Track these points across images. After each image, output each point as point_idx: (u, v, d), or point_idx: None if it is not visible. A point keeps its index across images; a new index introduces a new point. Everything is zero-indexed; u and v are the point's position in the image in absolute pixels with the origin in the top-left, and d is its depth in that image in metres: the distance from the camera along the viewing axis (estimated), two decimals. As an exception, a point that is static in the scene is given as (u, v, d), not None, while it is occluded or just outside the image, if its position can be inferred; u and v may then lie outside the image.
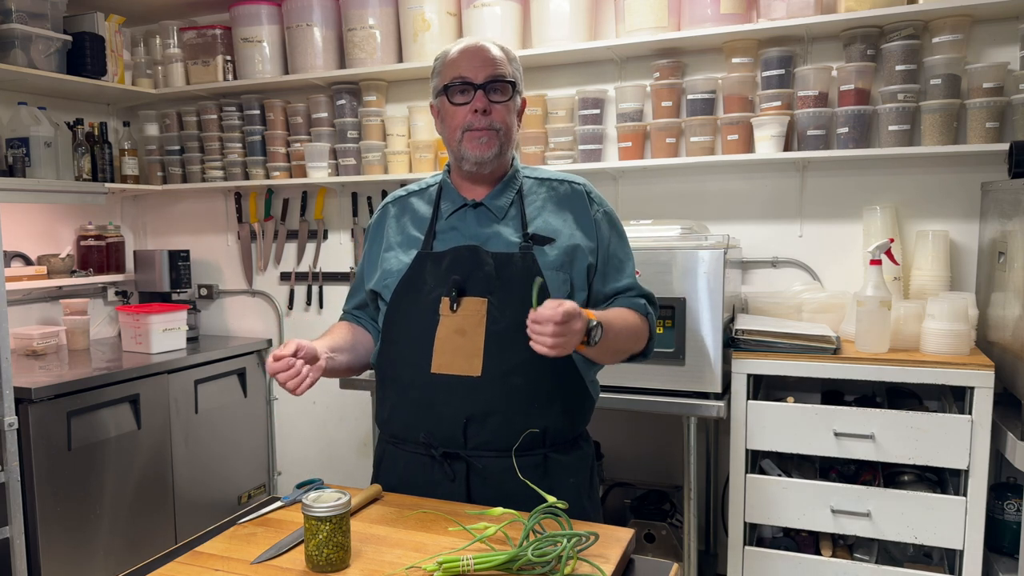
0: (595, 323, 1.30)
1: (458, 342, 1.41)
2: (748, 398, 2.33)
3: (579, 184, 1.57)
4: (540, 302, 1.26)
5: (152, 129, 3.54)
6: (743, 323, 2.41)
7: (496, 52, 1.47)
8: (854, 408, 2.25)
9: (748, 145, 2.64)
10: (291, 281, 3.55)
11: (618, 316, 1.45)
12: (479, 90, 1.44)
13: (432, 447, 1.42)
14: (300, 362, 1.33)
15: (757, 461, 2.43)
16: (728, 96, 2.66)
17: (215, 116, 3.41)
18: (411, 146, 3.09)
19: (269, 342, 3.58)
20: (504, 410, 1.40)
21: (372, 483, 1.47)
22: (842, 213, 2.68)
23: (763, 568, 2.34)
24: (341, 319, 1.68)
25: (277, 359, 1.32)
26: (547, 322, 1.22)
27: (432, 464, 1.43)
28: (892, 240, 2.35)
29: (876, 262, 2.28)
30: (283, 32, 3.21)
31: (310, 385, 1.34)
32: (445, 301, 1.43)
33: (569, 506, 1.34)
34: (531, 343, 1.25)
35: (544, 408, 1.43)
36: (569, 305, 1.23)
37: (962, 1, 2.28)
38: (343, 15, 3.08)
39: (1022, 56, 2.37)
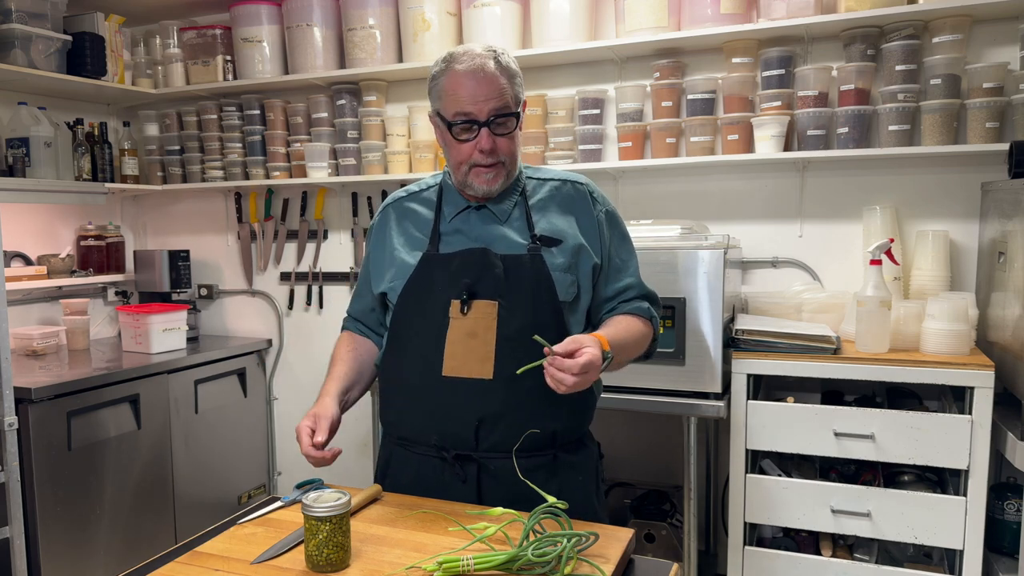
0: (609, 354, 1.33)
1: (469, 345, 1.41)
2: (748, 398, 2.33)
3: (581, 184, 1.57)
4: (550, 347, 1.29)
5: (152, 129, 3.54)
6: (743, 323, 2.41)
7: (499, 78, 1.39)
8: (854, 408, 2.25)
9: (748, 145, 2.64)
10: (291, 281, 3.55)
11: (627, 331, 1.48)
12: (484, 127, 1.40)
13: (444, 449, 1.42)
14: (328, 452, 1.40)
15: (757, 461, 2.43)
16: (728, 96, 2.66)
17: (215, 116, 3.41)
18: (411, 146, 3.09)
19: (269, 342, 3.58)
20: (516, 412, 1.40)
21: (377, 484, 1.46)
22: (842, 213, 2.68)
23: (763, 568, 2.34)
24: (343, 328, 1.69)
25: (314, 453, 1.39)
26: (567, 371, 1.25)
27: (443, 466, 1.43)
28: (892, 240, 2.35)
29: (876, 262, 2.28)
30: (283, 32, 3.21)
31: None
32: (455, 304, 1.42)
33: (578, 504, 1.35)
34: (548, 381, 1.27)
35: (554, 409, 1.44)
36: (589, 356, 1.25)
37: (962, 1, 2.28)
38: (343, 15, 3.08)
39: (1022, 56, 2.37)
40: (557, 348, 1.27)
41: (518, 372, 1.30)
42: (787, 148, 2.60)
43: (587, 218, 1.53)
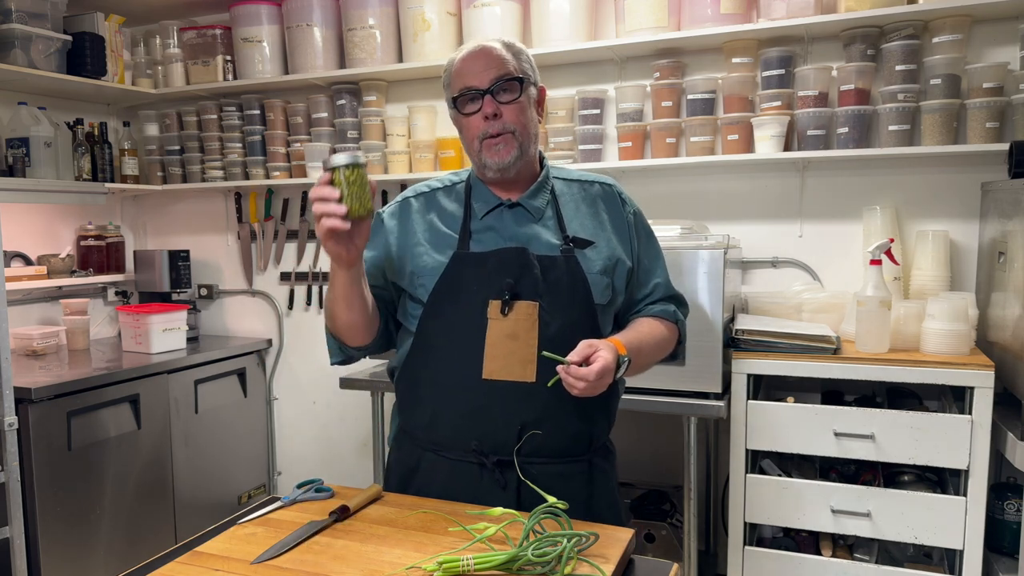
0: (625, 359, 1.33)
1: (510, 347, 1.37)
2: (748, 398, 2.33)
3: (609, 184, 1.55)
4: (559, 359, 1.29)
5: (152, 129, 3.54)
6: (743, 323, 2.41)
7: (499, 50, 1.41)
8: (854, 408, 2.25)
9: (748, 145, 2.63)
10: (291, 281, 3.55)
11: (648, 334, 1.47)
12: (486, 95, 1.39)
13: (483, 455, 1.39)
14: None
15: (757, 461, 2.43)
16: (728, 96, 2.66)
17: (215, 116, 3.41)
18: (411, 146, 3.09)
19: (269, 342, 3.58)
20: (559, 416, 1.39)
21: (377, 484, 1.46)
22: (842, 213, 2.68)
23: (763, 568, 2.34)
24: None
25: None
26: (582, 379, 1.26)
27: (481, 473, 1.40)
28: (892, 240, 2.35)
29: (876, 262, 2.28)
30: (283, 32, 3.21)
31: (342, 239, 1.25)
32: (494, 304, 1.38)
33: (610, 511, 1.39)
34: (565, 385, 1.29)
35: (592, 413, 1.43)
36: (603, 362, 1.26)
37: (962, 1, 2.28)
38: (343, 15, 3.08)
39: (1022, 56, 2.37)
40: (572, 355, 1.27)
41: (548, 385, 1.30)
42: (787, 148, 2.60)
43: (618, 220, 1.51)
